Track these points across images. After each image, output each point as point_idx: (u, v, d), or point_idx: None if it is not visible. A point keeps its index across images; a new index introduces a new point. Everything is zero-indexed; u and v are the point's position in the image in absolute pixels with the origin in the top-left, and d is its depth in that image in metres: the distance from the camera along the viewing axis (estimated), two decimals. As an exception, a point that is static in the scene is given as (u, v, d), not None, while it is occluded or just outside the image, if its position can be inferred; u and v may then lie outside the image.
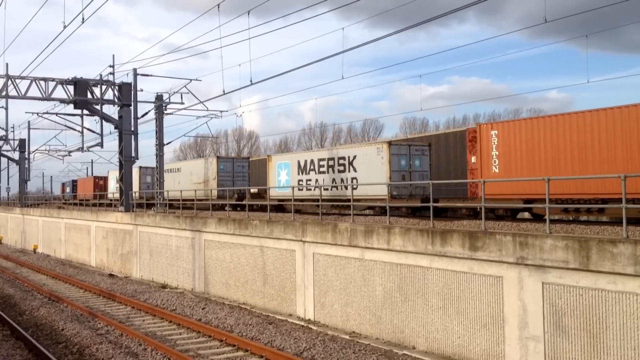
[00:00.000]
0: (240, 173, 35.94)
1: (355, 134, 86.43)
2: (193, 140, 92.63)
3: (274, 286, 21.10)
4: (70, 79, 31.74)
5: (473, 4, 15.49)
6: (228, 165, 35.62)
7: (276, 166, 29.77)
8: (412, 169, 24.20)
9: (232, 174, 35.52)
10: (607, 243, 11.37)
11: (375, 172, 23.87)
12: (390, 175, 23.37)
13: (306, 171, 27.72)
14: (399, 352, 15.06)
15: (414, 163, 24.36)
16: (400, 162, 23.94)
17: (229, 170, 35.48)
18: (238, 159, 37.29)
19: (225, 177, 35.23)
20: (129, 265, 32.36)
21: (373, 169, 24.06)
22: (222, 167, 35.43)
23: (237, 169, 35.79)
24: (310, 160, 27.58)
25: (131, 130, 33.49)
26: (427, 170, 24.79)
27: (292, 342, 15.89)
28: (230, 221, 23.55)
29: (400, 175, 23.67)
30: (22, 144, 58.93)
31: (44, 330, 18.11)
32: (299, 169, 28.10)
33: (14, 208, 58.93)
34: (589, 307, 11.80)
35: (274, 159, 30.29)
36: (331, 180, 25.90)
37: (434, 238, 14.97)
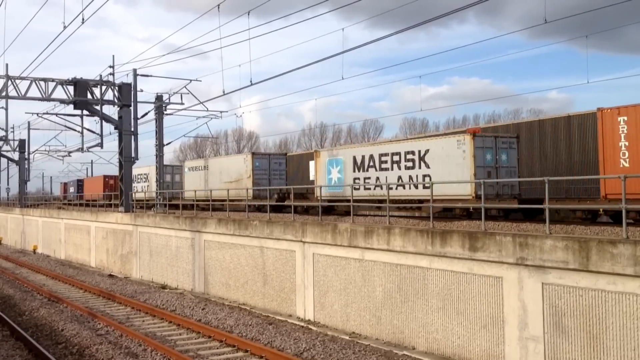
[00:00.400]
0: (277, 171, 32.70)
1: (355, 134, 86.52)
2: (193, 141, 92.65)
3: (274, 287, 21.10)
4: (70, 80, 31.75)
5: (473, 4, 15.53)
6: (264, 162, 32.38)
7: (325, 163, 26.61)
8: (498, 164, 20.83)
9: (269, 171, 32.32)
10: (607, 244, 11.37)
11: (455, 168, 20.47)
12: (475, 172, 19.92)
13: (364, 168, 24.43)
14: (398, 353, 15.05)
15: (501, 157, 20.98)
16: (485, 156, 20.48)
17: (264, 167, 32.23)
18: (275, 155, 33.99)
19: (261, 175, 32.07)
20: (129, 265, 32.36)
21: (452, 164, 20.65)
22: (258, 164, 32.17)
23: (273, 166, 32.52)
24: (369, 156, 24.33)
25: (131, 130, 33.49)
26: (514, 165, 21.35)
27: (292, 343, 15.89)
28: (230, 221, 23.54)
29: (486, 172, 20.34)
30: (22, 145, 58.92)
31: (44, 331, 18.11)
32: (355, 166, 24.90)
33: (14, 208, 58.92)
34: (589, 307, 11.80)
35: (323, 155, 27.08)
36: (397, 179, 22.73)
37: (433, 239, 14.97)
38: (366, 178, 24.33)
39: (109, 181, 56.36)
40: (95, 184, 59.38)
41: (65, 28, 24.65)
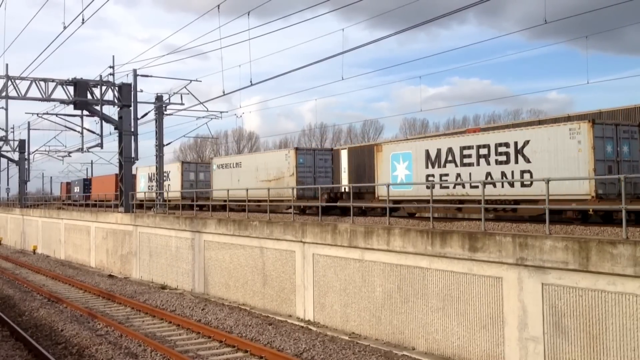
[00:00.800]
0: (322, 168, 29.59)
1: (355, 134, 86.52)
2: (193, 141, 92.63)
3: (274, 287, 21.10)
4: (70, 80, 31.76)
5: (473, 4, 15.53)
6: (308, 159, 29.19)
7: (389, 158, 23.13)
8: (619, 157, 17.58)
9: (313, 168, 29.28)
10: (606, 244, 11.37)
11: (566, 163, 17.41)
12: (594, 166, 16.77)
13: (440, 163, 21.08)
14: (398, 353, 15.05)
15: (622, 149, 17.70)
16: (605, 148, 17.25)
17: (309, 164, 29.08)
18: (320, 150, 31.06)
19: (305, 172, 28.96)
20: (129, 266, 32.36)
21: (562, 158, 17.59)
22: (302, 160, 28.94)
23: (318, 162, 29.47)
24: (447, 149, 20.87)
25: (131, 131, 33.50)
26: (637, 159, 18.12)
27: (292, 343, 15.88)
28: (230, 222, 23.55)
29: (606, 167, 17.25)
30: (22, 145, 58.93)
31: (44, 331, 18.10)
32: (429, 161, 21.53)
33: (14, 209, 58.93)
34: (589, 308, 11.80)
35: (387, 149, 23.43)
36: (484, 176, 19.53)
37: (433, 239, 14.97)
38: (443, 175, 21.04)
39: None
40: (106, 183, 55.02)
41: (65, 28, 24.68)
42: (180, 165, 39.91)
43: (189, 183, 39.24)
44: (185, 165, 40.19)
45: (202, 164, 41.84)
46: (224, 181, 33.22)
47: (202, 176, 39.58)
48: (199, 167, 40.58)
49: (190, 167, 40.27)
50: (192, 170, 39.76)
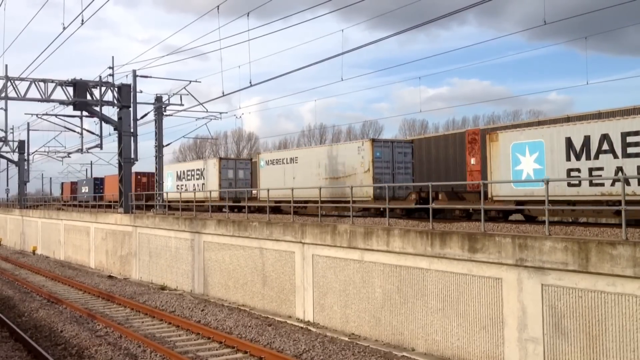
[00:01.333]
0: (402, 163, 25.50)
1: (355, 135, 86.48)
2: (193, 142, 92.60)
3: (274, 288, 21.09)
4: (70, 81, 31.75)
5: (474, 5, 15.52)
6: (386, 152, 25.05)
7: (509, 149, 19.05)
8: None
9: (392, 163, 25.11)
10: (606, 245, 11.37)
11: None
12: None
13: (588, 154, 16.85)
14: (398, 354, 15.05)
15: None
16: None
17: (387, 158, 25.02)
18: (399, 142, 26.70)
19: (382, 168, 24.73)
20: (128, 266, 32.35)
21: None
22: (379, 154, 24.73)
23: (397, 157, 25.32)
24: (601, 136, 16.61)
25: (130, 131, 33.49)
26: None
27: (292, 344, 15.88)
28: (230, 223, 23.54)
29: None
30: (21, 146, 58.93)
31: (43, 332, 18.09)
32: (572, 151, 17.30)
33: (13, 209, 58.92)
34: (588, 309, 11.80)
35: (505, 138, 19.24)
36: None
37: (433, 240, 14.97)
38: (594, 169, 16.82)
39: (141, 179, 48.39)
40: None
41: (64, 29, 24.66)
42: (218, 162, 35.73)
43: (227, 182, 35.24)
44: (223, 161, 36.20)
45: (241, 161, 38.51)
46: (275, 179, 29.31)
47: (242, 174, 36.02)
48: (239, 163, 36.93)
49: (228, 163, 36.39)
50: (230, 168, 35.84)
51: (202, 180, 36.73)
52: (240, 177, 36.12)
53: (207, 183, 35.93)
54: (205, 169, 36.68)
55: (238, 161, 37.79)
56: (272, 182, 29.21)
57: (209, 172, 36.14)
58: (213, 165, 35.91)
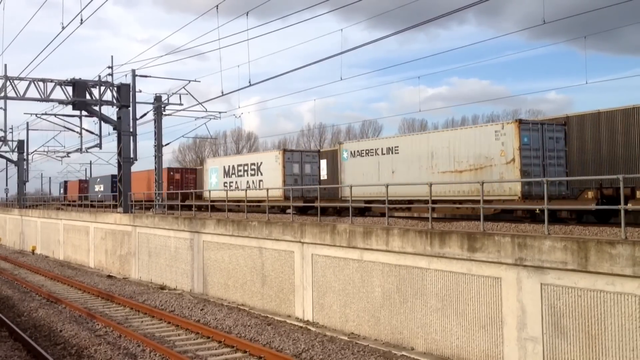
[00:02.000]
0: (552, 151, 19.97)
1: (354, 135, 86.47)
2: (192, 142, 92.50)
3: (273, 287, 21.10)
4: (69, 80, 31.74)
5: (473, 4, 15.51)
6: (535, 138, 19.51)
7: None
8: None
9: (542, 151, 19.67)
10: (605, 244, 11.37)
11: None
12: None
13: None
14: (397, 353, 15.05)
15: None
16: None
17: (536, 146, 19.48)
18: (549, 123, 21.10)
19: (531, 157, 19.41)
20: (128, 266, 32.34)
21: None
22: (527, 139, 19.32)
23: (548, 144, 19.82)
24: None
25: (130, 131, 33.48)
26: None
27: (291, 343, 15.88)
28: (229, 222, 23.54)
29: None
30: (20, 145, 58.91)
31: (43, 332, 18.09)
32: None
33: (13, 209, 58.90)
34: (588, 308, 11.80)
35: None
36: None
37: (432, 239, 14.97)
38: None
39: (174, 175, 42.89)
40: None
41: (63, 28, 24.62)
42: (282, 155, 30.29)
43: (292, 178, 30.00)
44: (287, 154, 30.55)
45: (308, 153, 32.78)
46: (363, 174, 24.52)
47: (309, 168, 30.78)
48: (305, 156, 31.32)
49: (293, 156, 30.73)
50: (295, 161, 30.53)
51: (259, 176, 31.56)
52: (307, 172, 30.66)
53: (267, 179, 30.79)
54: (264, 163, 31.45)
55: (304, 153, 31.98)
56: (359, 177, 24.61)
57: (269, 167, 30.94)
58: (275, 159, 30.64)
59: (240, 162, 33.51)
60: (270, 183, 29.74)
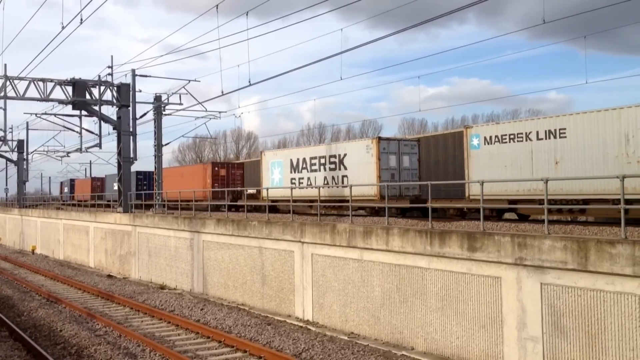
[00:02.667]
0: None
1: (354, 134, 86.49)
2: (192, 141, 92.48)
3: (273, 287, 21.10)
4: (69, 80, 31.74)
5: (473, 4, 15.49)
6: None
7: None
8: None
9: None
10: (605, 244, 11.37)
11: None
12: None
13: None
14: (397, 353, 15.05)
15: None
16: None
17: None
18: None
19: None
20: (128, 266, 32.34)
21: None
22: None
23: None
24: None
25: (130, 131, 33.47)
26: None
27: (291, 343, 15.88)
28: (229, 222, 23.54)
29: None
30: (20, 145, 58.89)
31: (43, 331, 18.09)
32: None
33: (13, 209, 58.90)
34: (588, 307, 11.80)
35: None
36: None
37: (432, 239, 14.97)
38: None
39: (219, 171, 37.36)
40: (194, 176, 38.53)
41: (63, 28, 24.59)
42: (376, 144, 24.68)
43: (388, 172, 24.74)
44: (383, 143, 24.81)
45: (406, 142, 26.49)
46: (504, 165, 19.64)
47: (407, 161, 25.58)
48: (403, 146, 25.68)
49: (390, 146, 25.11)
50: (392, 152, 25.07)
51: (341, 170, 26.14)
52: (406, 166, 25.46)
53: (354, 175, 25.35)
54: (349, 155, 25.90)
55: (402, 142, 26.05)
56: (498, 170, 19.72)
57: (357, 159, 25.40)
58: (365, 149, 25.03)
59: (314, 154, 27.91)
60: (358, 179, 24.72)
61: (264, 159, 31.20)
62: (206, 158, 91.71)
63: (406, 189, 24.64)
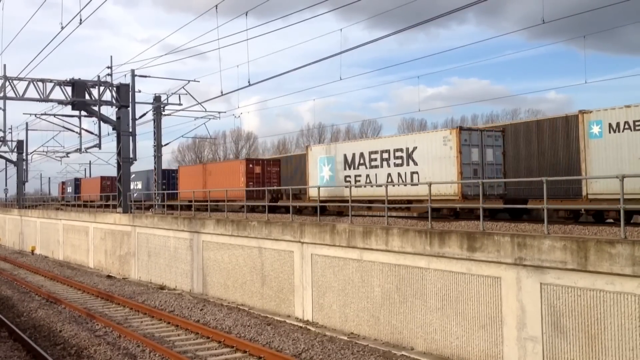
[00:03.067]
0: None
1: (354, 135, 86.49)
2: (191, 142, 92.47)
3: (272, 287, 21.09)
4: (68, 80, 31.73)
5: (473, 4, 15.49)
6: None
7: None
8: None
9: None
10: (605, 244, 11.37)
11: None
12: None
13: None
14: (397, 353, 15.05)
15: None
16: None
17: None
18: None
19: None
20: (127, 266, 32.33)
21: None
22: None
23: None
24: None
25: (129, 131, 33.46)
26: None
27: (291, 343, 15.88)
28: (229, 222, 23.53)
29: None
30: (20, 146, 58.89)
31: (42, 332, 18.08)
32: None
33: (12, 209, 58.87)
34: (587, 307, 11.80)
35: None
36: None
37: (432, 239, 14.96)
38: None
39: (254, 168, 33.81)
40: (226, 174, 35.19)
41: (62, 28, 24.59)
42: (456, 135, 20.97)
43: (470, 168, 21.18)
44: (464, 134, 21.20)
45: (490, 132, 22.58)
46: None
47: (491, 155, 21.89)
48: (486, 137, 21.94)
49: (472, 137, 21.40)
50: (474, 144, 21.45)
51: (410, 166, 22.67)
52: (489, 160, 21.93)
53: (426, 171, 21.87)
54: (419, 148, 22.35)
55: (486, 133, 22.23)
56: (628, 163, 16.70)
57: (432, 153, 21.88)
58: (442, 141, 21.42)
59: (375, 148, 24.39)
60: (433, 176, 21.32)
61: (310, 154, 27.89)
62: (206, 158, 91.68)
63: (490, 187, 21.20)
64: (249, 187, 32.02)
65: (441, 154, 21.34)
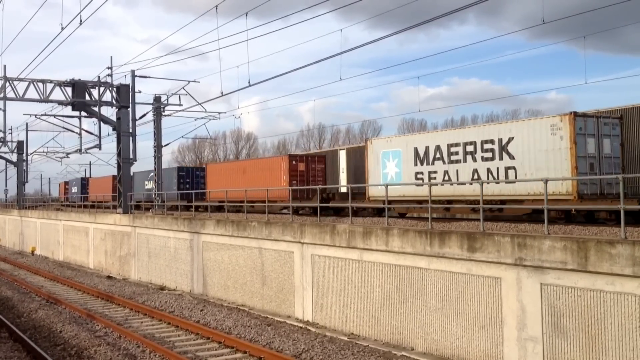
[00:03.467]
0: None
1: (354, 135, 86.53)
2: (191, 142, 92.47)
3: (273, 288, 21.09)
4: (69, 81, 31.74)
5: (473, 4, 15.51)
6: None
7: None
8: None
9: None
10: (605, 244, 11.37)
11: None
12: None
13: None
14: (397, 354, 15.05)
15: None
16: None
17: None
18: None
19: None
20: (127, 267, 32.33)
21: None
22: None
23: None
24: None
25: (129, 132, 33.47)
26: None
27: (291, 344, 15.88)
28: (229, 222, 23.53)
29: None
30: (20, 146, 58.90)
31: (42, 333, 18.08)
32: None
33: (12, 210, 58.88)
34: (588, 308, 11.80)
35: None
36: None
37: (432, 239, 14.96)
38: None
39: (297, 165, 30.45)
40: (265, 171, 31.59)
41: (62, 29, 24.60)
42: (569, 122, 17.52)
43: (587, 162, 17.80)
44: (579, 121, 17.67)
45: (606, 120, 18.77)
46: None
47: (608, 145, 18.45)
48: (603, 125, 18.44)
49: (587, 125, 17.86)
50: (590, 134, 18.00)
51: (503, 160, 19.27)
52: (606, 153, 18.42)
53: (525, 165, 18.60)
54: (517, 138, 18.91)
55: (602, 121, 18.52)
56: None
57: (532, 144, 18.47)
58: (550, 130, 17.98)
59: (455, 140, 21.04)
60: (536, 172, 18.04)
61: (370, 148, 24.44)
62: (206, 159, 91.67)
63: (608, 185, 17.92)
64: (292, 186, 28.70)
65: (548, 145, 17.97)
